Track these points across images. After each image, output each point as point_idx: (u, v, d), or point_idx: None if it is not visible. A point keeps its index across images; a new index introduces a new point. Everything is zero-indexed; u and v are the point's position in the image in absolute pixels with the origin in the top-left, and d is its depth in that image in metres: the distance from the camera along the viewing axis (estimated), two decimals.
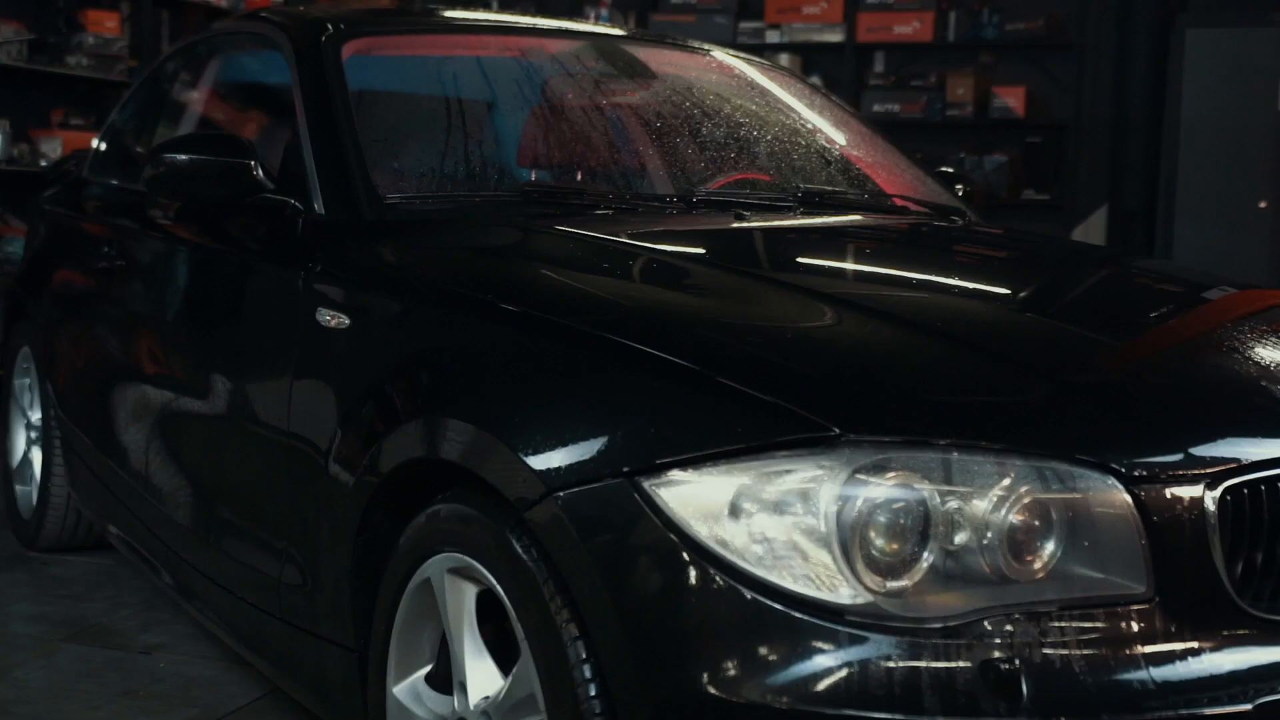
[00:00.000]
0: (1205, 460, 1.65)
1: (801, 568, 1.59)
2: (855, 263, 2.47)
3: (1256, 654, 1.61)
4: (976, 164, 7.94)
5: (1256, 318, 2.27)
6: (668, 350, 1.78)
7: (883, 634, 1.55)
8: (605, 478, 1.67)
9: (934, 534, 1.58)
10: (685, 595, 1.60)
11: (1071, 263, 2.79)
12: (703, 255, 2.36)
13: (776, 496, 1.60)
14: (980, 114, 8.06)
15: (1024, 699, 1.52)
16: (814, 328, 1.94)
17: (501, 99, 2.96)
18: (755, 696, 1.56)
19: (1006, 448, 1.61)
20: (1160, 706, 1.55)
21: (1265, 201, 6.54)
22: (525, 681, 1.77)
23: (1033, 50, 8.07)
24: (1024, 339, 1.98)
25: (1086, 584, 1.60)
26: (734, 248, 2.43)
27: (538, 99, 2.99)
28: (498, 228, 2.49)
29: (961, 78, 8.04)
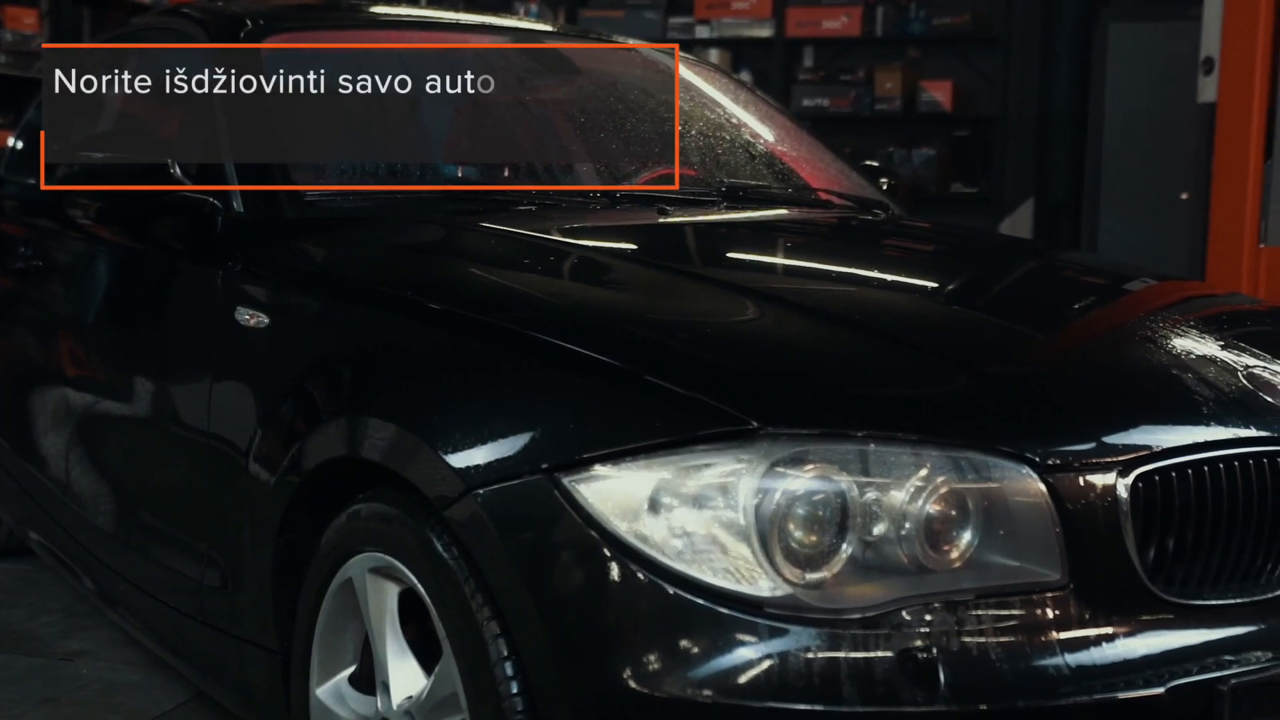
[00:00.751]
0: (1118, 448, 1.67)
1: (721, 561, 1.59)
2: (777, 257, 2.48)
3: (1168, 638, 1.64)
4: (905, 158, 8.01)
5: (1174, 309, 2.31)
6: (588, 346, 1.78)
7: (802, 625, 1.56)
8: (525, 474, 1.66)
9: (852, 525, 1.60)
10: (605, 591, 1.60)
11: (993, 255, 2.83)
12: (625, 251, 2.36)
13: (696, 490, 1.61)
14: (908, 108, 8.13)
15: (941, 687, 1.54)
16: (734, 322, 1.94)
17: (424, 95, 2.94)
18: (676, 690, 1.56)
19: (923, 439, 1.62)
20: (1075, 691, 1.57)
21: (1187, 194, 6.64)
22: (447, 680, 1.77)
23: (959, 45, 8.15)
24: (943, 331, 2.00)
25: (1002, 572, 1.62)
26: (656, 243, 2.43)
27: (461, 95, 2.97)
28: (420, 224, 2.48)
29: (889, 72, 8.10)
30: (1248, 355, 1.94)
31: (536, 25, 3.51)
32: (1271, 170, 4.61)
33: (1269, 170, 4.61)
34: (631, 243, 2.42)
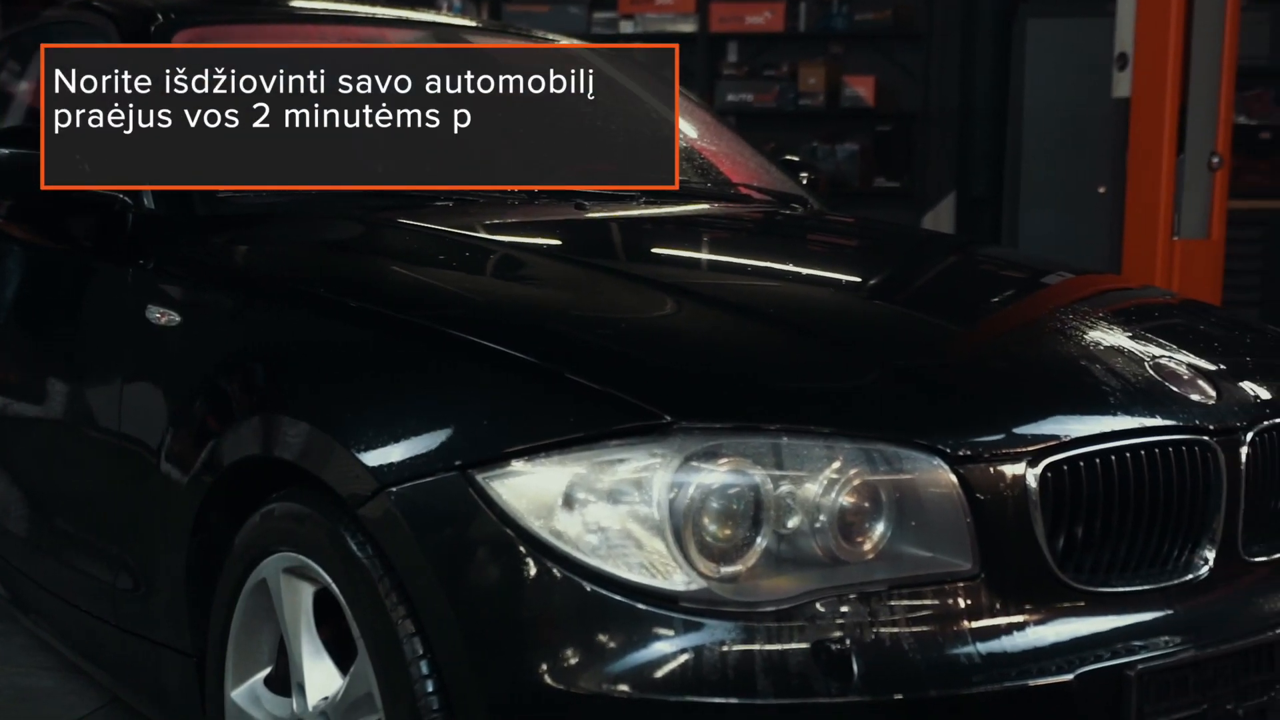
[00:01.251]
0: (1027, 439, 1.69)
1: (636, 556, 1.59)
2: (694, 251, 2.49)
3: (1077, 625, 1.66)
4: (829, 153, 8.05)
5: (1086, 302, 2.34)
6: (503, 343, 1.78)
7: (717, 619, 1.57)
8: (438, 472, 1.66)
9: (766, 518, 1.60)
10: (520, 588, 1.60)
11: (911, 250, 2.85)
12: (542, 247, 2.36)
13: (610, 486, 1.61)
14: (831, 103, 8.17)
15: (855, 678, 1.55)
16: (650, 317, 1.95)
17: (340, 89, 2.91)
18: (592, 686, 1.56)
19: (835, 431, 1.63)
20: (986, 680, 1.59)
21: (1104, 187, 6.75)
22: (363, 680, 1.75)
23: (881, 41, 8.21)
24: (858, 325, 2.01)
25: (915, 563, 1.63)
26: (574, 239, 2.43)
27: (378, 89, 2.94)
28: (335, 221, 2.45)
29: (813, 68, 8.14)
30: (1155, 346, 1.97)
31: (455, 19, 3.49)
32: (1184, 164, 4.69)
33: (1181, 164, 4.69)
34: (549, 239, 2.41)
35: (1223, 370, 1.95)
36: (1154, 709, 1.65)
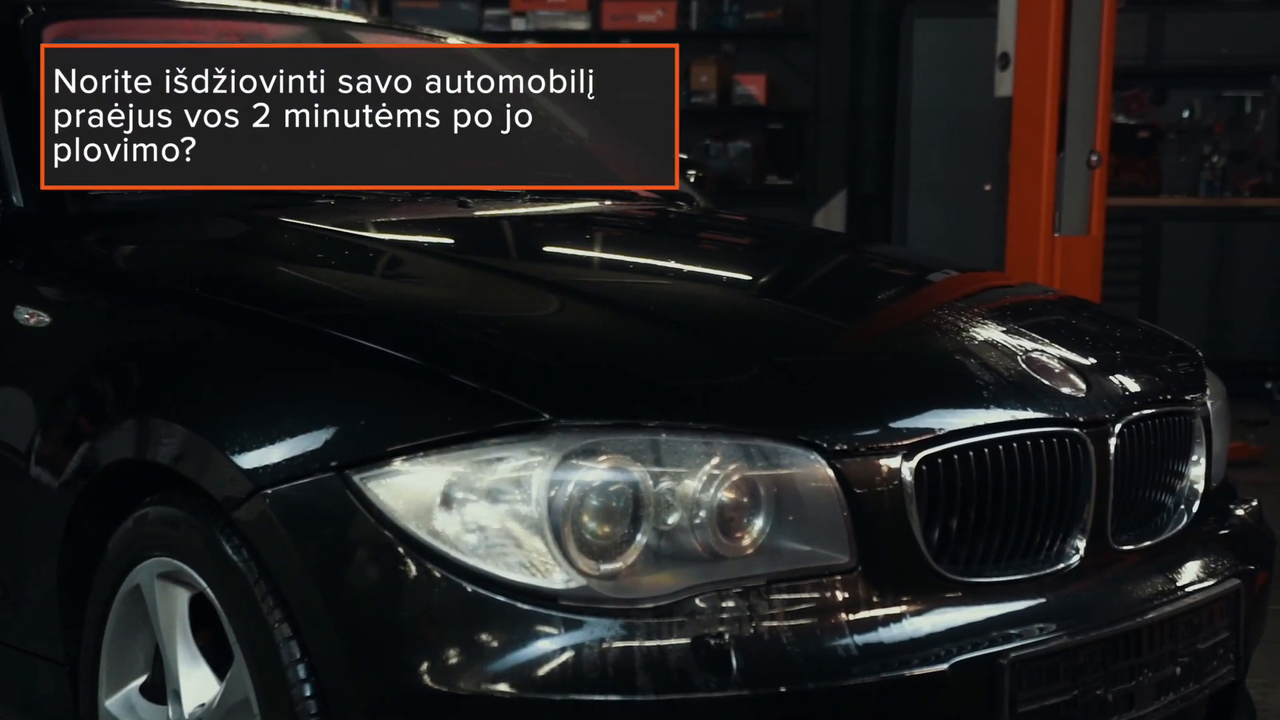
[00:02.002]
0: (903, 433, 1.71)
1: (516, 555, 1.59)
2: (578, 250, 2.48)
3: (952, 616, 1.69)
4: (721, 151, 8.11)
5: (966, 299, 2.38)
6: (381, 342, 1.76)
7: (596, 616, 1.57)
8: (314, 473, 1.64)
9: (646, 515, 1.61)
10: (398, 589, 1.58)
11: (795, 247, 2.88)
12: (424, 245, 2.34)
13: (489, 485, 1.60)
14: (723, 101, 8.23)
15: (734, 672, 1.56)
16: (530, 316, 1.94)
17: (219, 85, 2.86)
18: (472, 686, 1.55)
19: (713, 427, 1.64)
20: (864, 671, 1.61)
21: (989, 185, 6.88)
22: (239, 686, 1.73)
23: (772, 39, 8.28)
24: (738, 321, 2.03)
25: (793, 557, 1.65)
26: (456, 237, 2.42)
27: (258, 86, 2.90)
28: (213, 219, 2.41)
29: (705, 66, 8.19)
30: (1028, 341, 2.01)
31: (337, 14, 3.44)
32: (1064, 162, 4.80)
33: (1062, 162, 4.79)
34: (431, 237, 2.39)
35: (1094, 364, 1.99)
36: (1026, 696, 1.69)
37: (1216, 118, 7.75)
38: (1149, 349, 2.25)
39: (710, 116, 8.27)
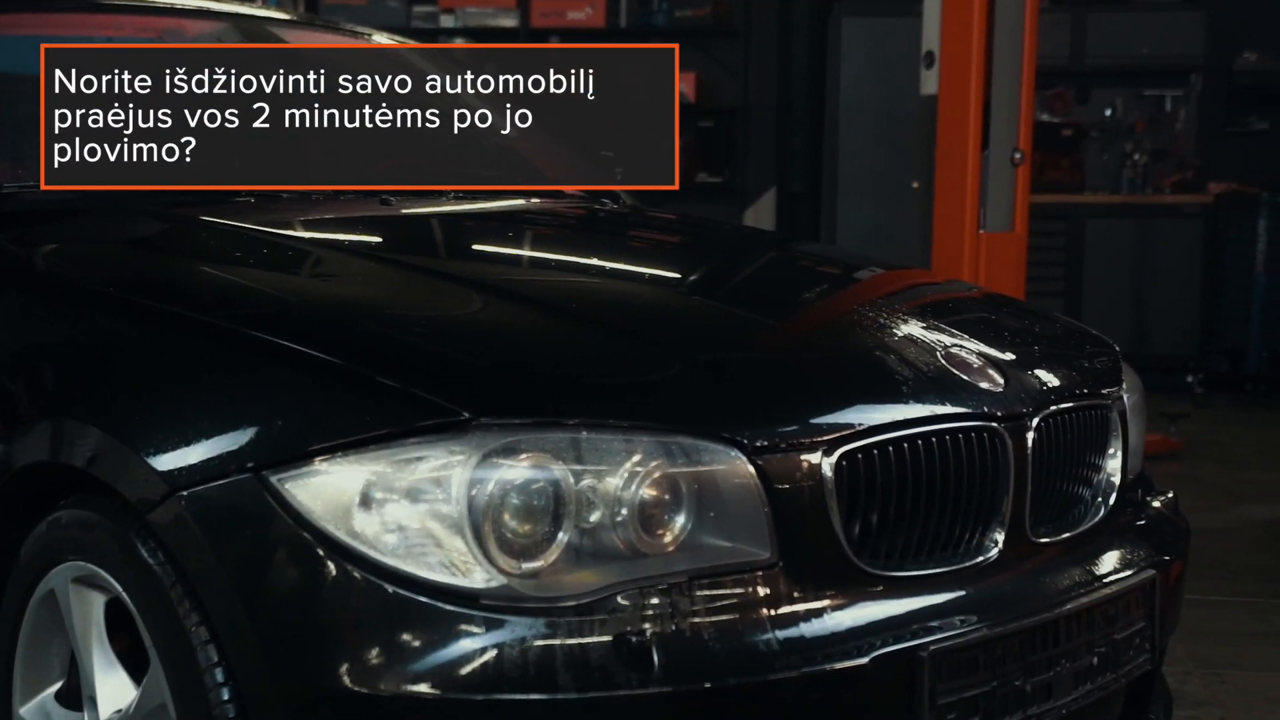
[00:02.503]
0: (823, 429, 1.72)
1: (436, 555, 1.58)
2: (502, 247, 2.47)
3: (873, 609, 1.70)
4: None
5: (890, 296, 2.39)
6: (300, 341, 1.74)
7: (518, 615, 1.56)
8: (231, 474, 1.62)
9: (567, 513, 1.60)
10: (317, 590, 1.57)
11: (721, 245, 2.88)
12: (344, 244, 2.32)
13: (409, 485, 1.59)
14: None
15: (655, 669, 1.56)
16: (451, 314, 1.93)
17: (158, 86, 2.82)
18: (394, 688, 1.54)
19: (634, 425, 1.64)
20: (785, 666, 1.61)
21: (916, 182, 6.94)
22: (156, 691, 1.70)
23: (701, 37, 8.30)
24: (660, 319, 2.03)
25: (715, 553, 1.65)
26: (379, 236, 2.40)
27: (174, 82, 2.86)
28: (132, 218, 2.38)
29: None
30: (948, 337, 2.02)
31: (259, 11, 3.40)
32: (988, 159, 4.85)
33: (986, 159, 4.84)
34: (353, 236, 2.38)
35: (1012, 359, 2.01)
36: (945, 688, 1.70)
37: (1138, 116, 7.89)
38: (1066, 344, 2.28)
39: None
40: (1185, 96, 7.90)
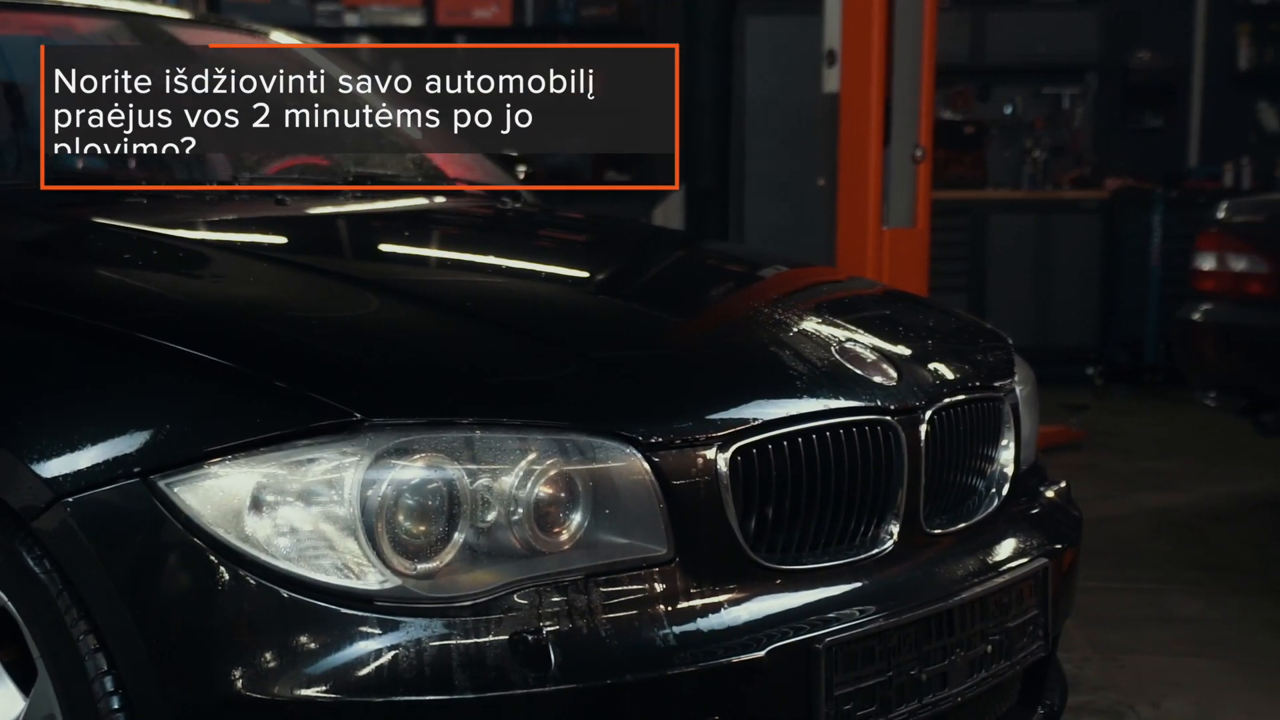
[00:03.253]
0: (718, 424, 1.73)
1: (330, 557, 1.57)
2: (398, 247, 2.45)
3: (769, 603, 1.71)
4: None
5: (790, 293, 2.42)
6: (187, 344, 1.71)
7: (413, 617, 1.55)
8: (118, 479, 1.59)
9: (462, 513, 1.60)
10: (208, 596, 1.55)
11: (623, 244, 2.88)
12: (236, 244, 2.29)
13: (301, 487, 1.57)
14: None
15: (552, 667, 1.56)
16: (344, 314, 1.91)
17: (21, 80, 2.76)
18: (288, 692, 1.53)
19: (528, 424, 1.64)
20: (682, 661, 1.62)
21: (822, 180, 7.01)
22: (44, 702, 1.67)
23: (608, 35, 8.30)
24: (557, 317, 2.03)
25: (611, 550, 1.65)
26: (273, 236, 2.37)
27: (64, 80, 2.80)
28: (19, 218, 2.32)
29: None
30: (843, 332, 2.05)
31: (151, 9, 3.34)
32: (890, 156, 4.91)
33: (888, 156, 4.90)
34: (247, 236, 2.35)
35: (905, 353, 2.04)
36: (842, 679, 1.72)
37: (1037, 114, 8.03)
38: (960, 338, 2.32)
39: None
40: (1082, 94, 8.06)
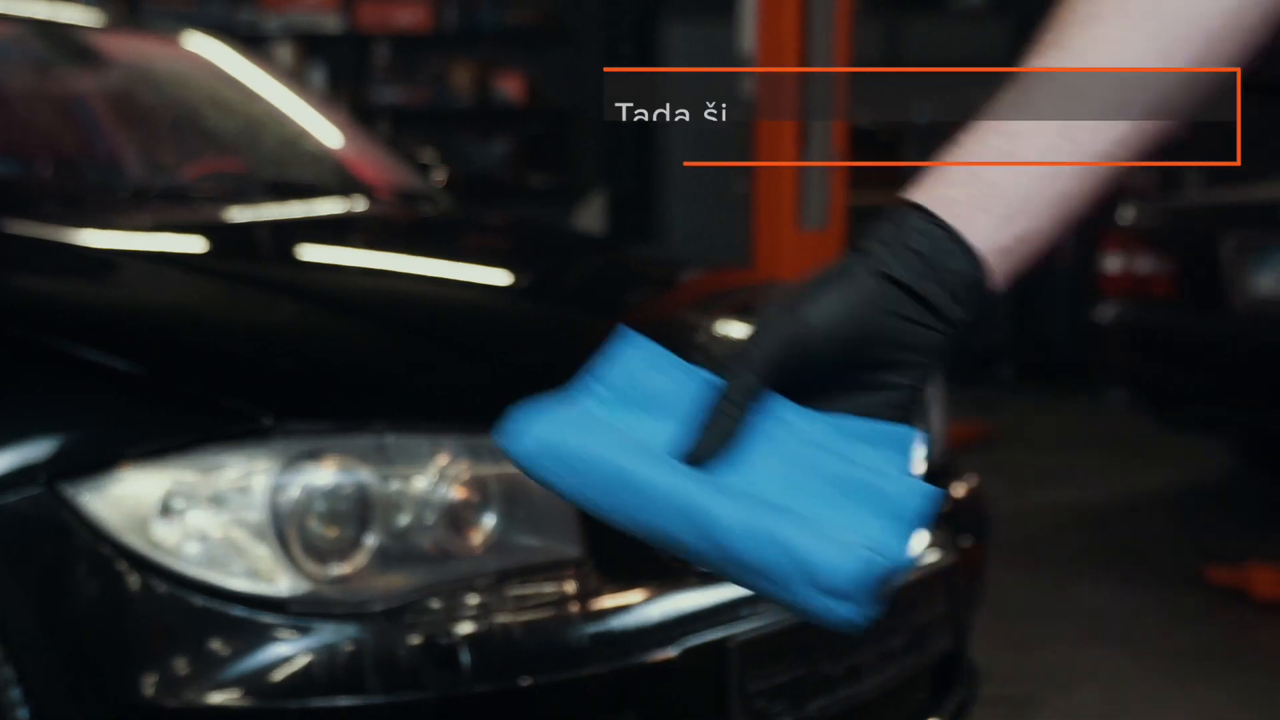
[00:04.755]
0: None
1: (241, 563, 1.57)
2: (312, 252, 2.45)
3: (681, 602, 1.73)
4: (482, 152, 8.09)
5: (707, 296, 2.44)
6: (96, 350, 1.71)
7: (325, 621, 1.56)
8: (23, 488, 1.58)
9: (374, 517, 1.60)
10: (118, 604, 1.55)
11: (538, 246, 2.90)
12: (147, 251, 2.28)
13: (211, 493, 1.57)
14: (482, 102, 8.22)
15: (464, 669, 1.57)
16: (256, 320, 1.91)
17: None
18: (200, 699, 1.53)
19: (440, 427, 1.65)
20: (596, 661, 1.64)
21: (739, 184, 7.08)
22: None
23: (530, 41, 8.31)
24: (470, 321, 2.04)
25: (525, 553, 1.67)
26: (186, 242, 2.36)
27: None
28: None
29: (462, 67, 8.16)
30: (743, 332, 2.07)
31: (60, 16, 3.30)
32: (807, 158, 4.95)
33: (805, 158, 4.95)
34: (159, 242, 2.33)
35: None
36: (755, 676, 1.75)
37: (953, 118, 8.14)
38: None
39: (469, 118, 8.25)
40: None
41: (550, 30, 8.30)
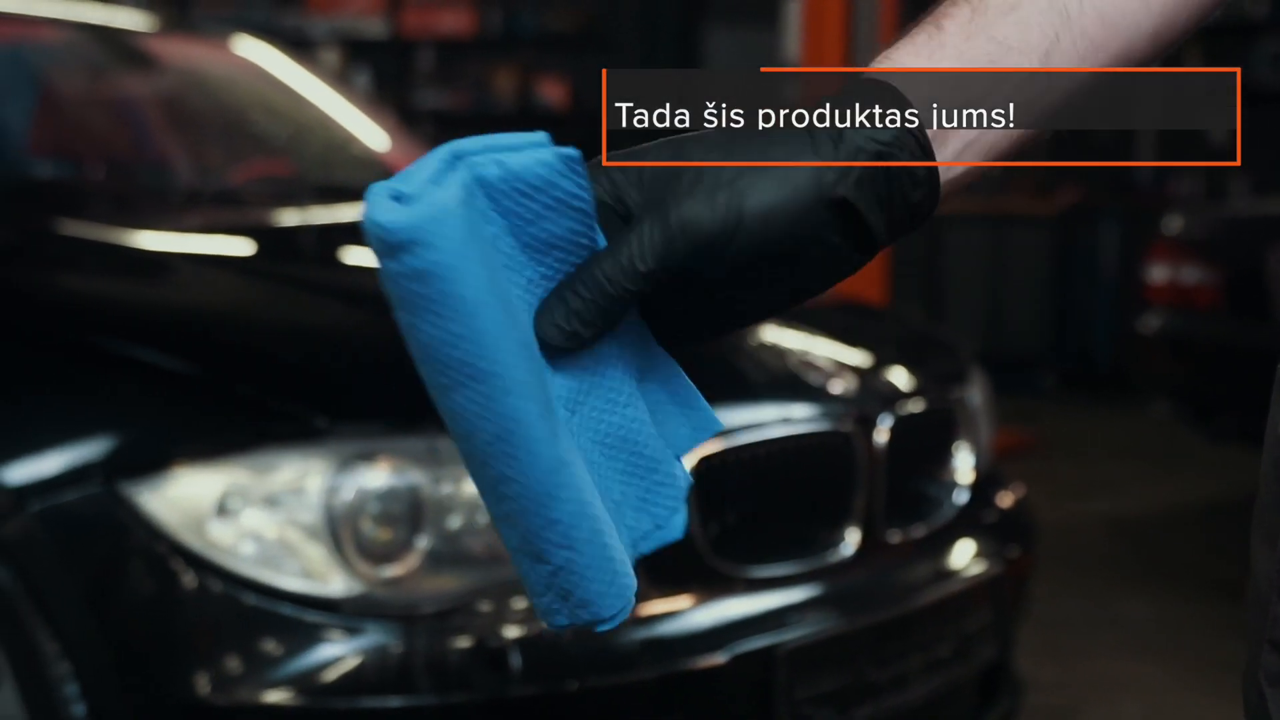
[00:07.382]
0: None
1: (295, 563, 1.58)
2: (359, 254, 2.46)
3: (730, 608, 1.74)
4: None
5: None
6: (154, 351, 1.73)
7: (377, 622, 1.57)
8: (84, 486, 1.60)
9: (426, 519, 1.61)
10: (173, 602, 1.56)
11: None
12: (202, 253, 2.30)
13: (266, 493, 1.59)
14: (524, 108, 8.25)
15: (513, 672, 1.58)
16: (309, 323, 1.93)
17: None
18: (252, 697, 1.54)
19: None
20: (644, 666, 1.64)
21: None
22: (9, 707, 1.67)
23: (571, 46, 8.33)
24: None
25: None
26: (238, 244, 2.38)
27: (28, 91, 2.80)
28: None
29: (504, 72, 8.20)
30: (801, 341, 2.08)
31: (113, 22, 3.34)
32: None
33: None
34: (211, 244, 2.35)
35: (862, 362, 2.07)
36: (803, 684, 1.75)
37: None
38: (916, 347, 2.35)
39: (511, 123, 8.28)
40: None
41: (591, 35, 8.32)
